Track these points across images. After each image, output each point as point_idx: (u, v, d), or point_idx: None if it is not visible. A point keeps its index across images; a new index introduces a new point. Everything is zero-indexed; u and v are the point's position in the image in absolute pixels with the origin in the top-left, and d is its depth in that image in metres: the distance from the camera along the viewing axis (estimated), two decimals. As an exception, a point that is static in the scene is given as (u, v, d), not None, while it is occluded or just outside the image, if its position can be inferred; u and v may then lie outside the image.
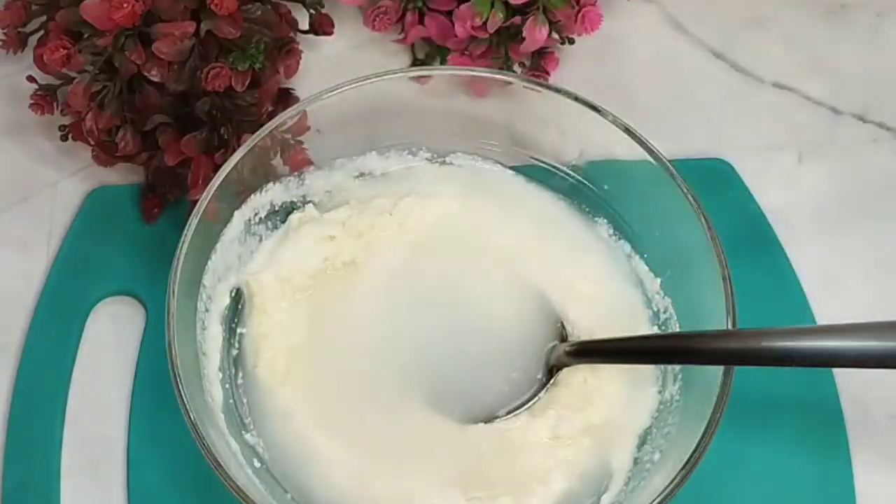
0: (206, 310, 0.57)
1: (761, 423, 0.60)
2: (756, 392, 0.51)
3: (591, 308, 0.60)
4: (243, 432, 0.56)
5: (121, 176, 0.67)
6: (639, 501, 0.53)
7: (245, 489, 0.50)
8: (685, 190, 0.57)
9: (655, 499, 0.50)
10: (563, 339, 0.59)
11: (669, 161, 0.58)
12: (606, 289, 0.61)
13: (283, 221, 0.62)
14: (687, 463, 0.50)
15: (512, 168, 0.64)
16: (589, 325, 0.59)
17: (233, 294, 0.60)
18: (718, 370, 0.52)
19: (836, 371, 0.61)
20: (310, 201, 0.62)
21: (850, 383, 0.61)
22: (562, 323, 0.59)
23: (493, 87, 0.65)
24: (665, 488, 0.51)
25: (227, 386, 0.57)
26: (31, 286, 0.64)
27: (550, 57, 0.70)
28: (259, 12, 0.62)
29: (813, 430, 0.61)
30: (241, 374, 0.58)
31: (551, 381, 0.57)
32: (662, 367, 0.58)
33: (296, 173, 0.62)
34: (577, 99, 0.59)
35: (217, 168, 0.58)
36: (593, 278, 0.61)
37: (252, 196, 0.60)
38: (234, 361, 0.59)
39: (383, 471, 0.56)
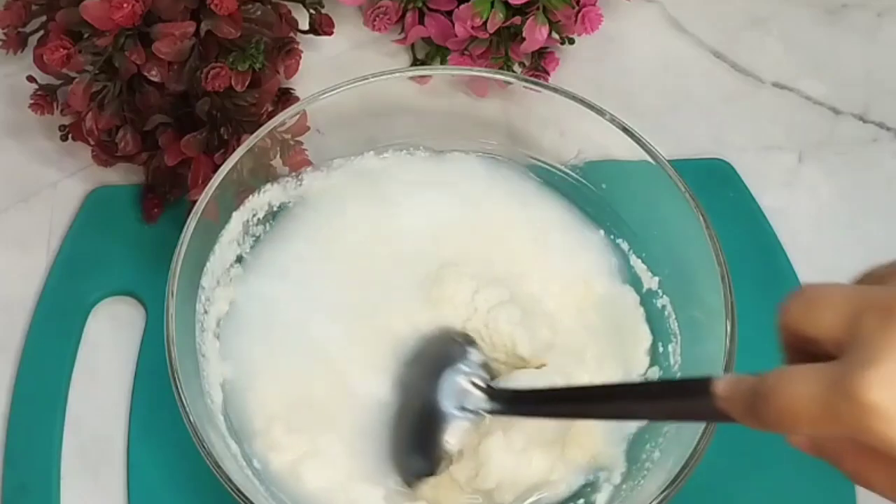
0: (205, 311, 0.57)
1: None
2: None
3: (588, 308, 0.60)
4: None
5: (121, 176, 0.67)
6: (638, 501, 0.53)
7: (244, 490, 0.50)
8: (683, 189, 0.57)
9: (655, 498, 0.51)
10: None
11: (669, 161, 0.58)
12: (604, 288, 0.61)
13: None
14: (687, 462, 0.51)
15: (510, 168, 0.64)
16: (586, 326, 0.59)
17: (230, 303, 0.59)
18: (719, 369, 0.52)
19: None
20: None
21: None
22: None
23: (493, 87, 0.65)
24: (665, 487, 0.51)
25: (227, 388, 0.57)
26: (31, 286, 0.64)
27: (550, 57, 0.70)
28: (259, 12, 0.62)
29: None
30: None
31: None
32: (659, 363, 0.58)
33: (294, 174, 0.62)
34: (576, 99, 0.60)
35: (217, 168, 0.58)
36: (591, 277, 0.61)
37: (251, 197, 0.60)
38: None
39: (382, 470, 0.55)
